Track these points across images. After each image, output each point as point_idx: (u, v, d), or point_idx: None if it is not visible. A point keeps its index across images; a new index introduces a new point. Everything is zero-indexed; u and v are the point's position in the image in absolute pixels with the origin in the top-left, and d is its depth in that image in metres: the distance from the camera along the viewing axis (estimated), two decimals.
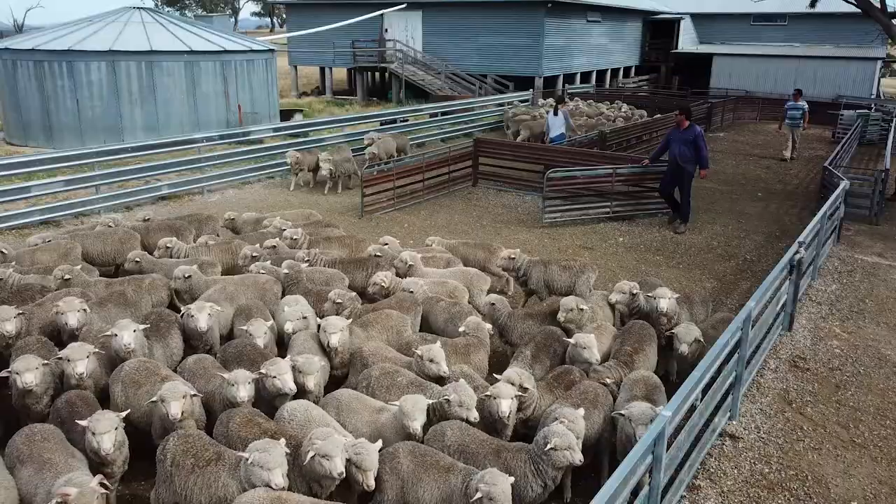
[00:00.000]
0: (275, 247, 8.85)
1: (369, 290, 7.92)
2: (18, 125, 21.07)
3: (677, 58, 41.77)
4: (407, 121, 21.75)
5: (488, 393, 5.32)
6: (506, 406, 5.22)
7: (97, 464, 4.83)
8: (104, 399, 5.67)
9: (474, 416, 5.18)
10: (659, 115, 23.66)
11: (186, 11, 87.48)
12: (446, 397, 5.25)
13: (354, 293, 7.61)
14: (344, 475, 4.40)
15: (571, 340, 6.34)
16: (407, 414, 4.97)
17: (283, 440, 4.56)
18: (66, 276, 7.53)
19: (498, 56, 32.16)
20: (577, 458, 4.63)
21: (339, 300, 7.17)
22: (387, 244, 9.24)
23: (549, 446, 4.61)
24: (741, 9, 40.96)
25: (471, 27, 32.42)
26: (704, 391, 5.81)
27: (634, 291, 7.36)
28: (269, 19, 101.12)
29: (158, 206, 14.11)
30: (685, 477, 5.52)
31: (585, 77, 36.08)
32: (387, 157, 16.64)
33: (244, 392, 5.27)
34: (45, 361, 5.57)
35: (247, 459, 4.37)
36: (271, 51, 24.15)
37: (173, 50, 20.89)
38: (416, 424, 4.96)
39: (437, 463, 4.67)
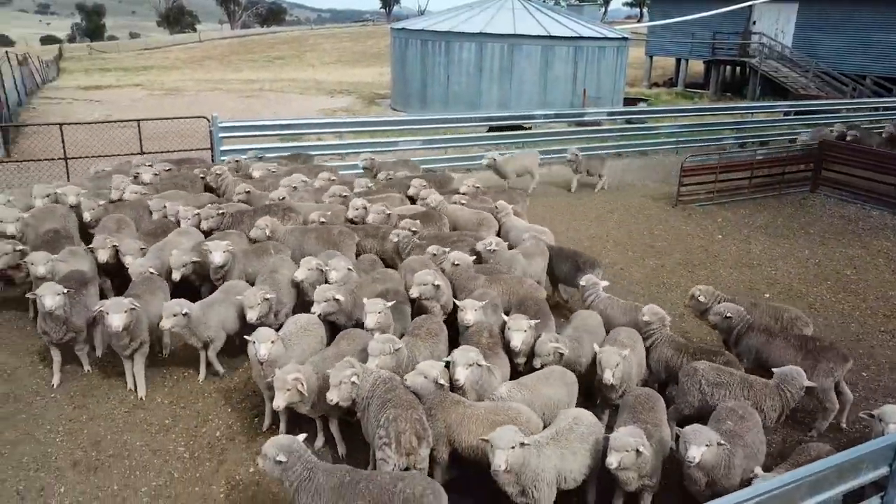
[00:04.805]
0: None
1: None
2: (402, 94, 25.10)
3: None
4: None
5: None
6: None
7: None
8: None
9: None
10: None
11: (562, 1, 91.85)
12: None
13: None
14: None
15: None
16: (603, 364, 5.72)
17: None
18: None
19: (885, 55, 28.07)
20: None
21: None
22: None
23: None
24: None
25: (856, 21, 28.80)
26: None
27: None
28: (637, 9, 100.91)
29: (491, 174, 15.74)
30: None
31: None
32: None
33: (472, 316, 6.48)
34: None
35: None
36: (624, 39, 24.67)
37: (533, 34, 22.75)
38: (609, 374, 5.65)
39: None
